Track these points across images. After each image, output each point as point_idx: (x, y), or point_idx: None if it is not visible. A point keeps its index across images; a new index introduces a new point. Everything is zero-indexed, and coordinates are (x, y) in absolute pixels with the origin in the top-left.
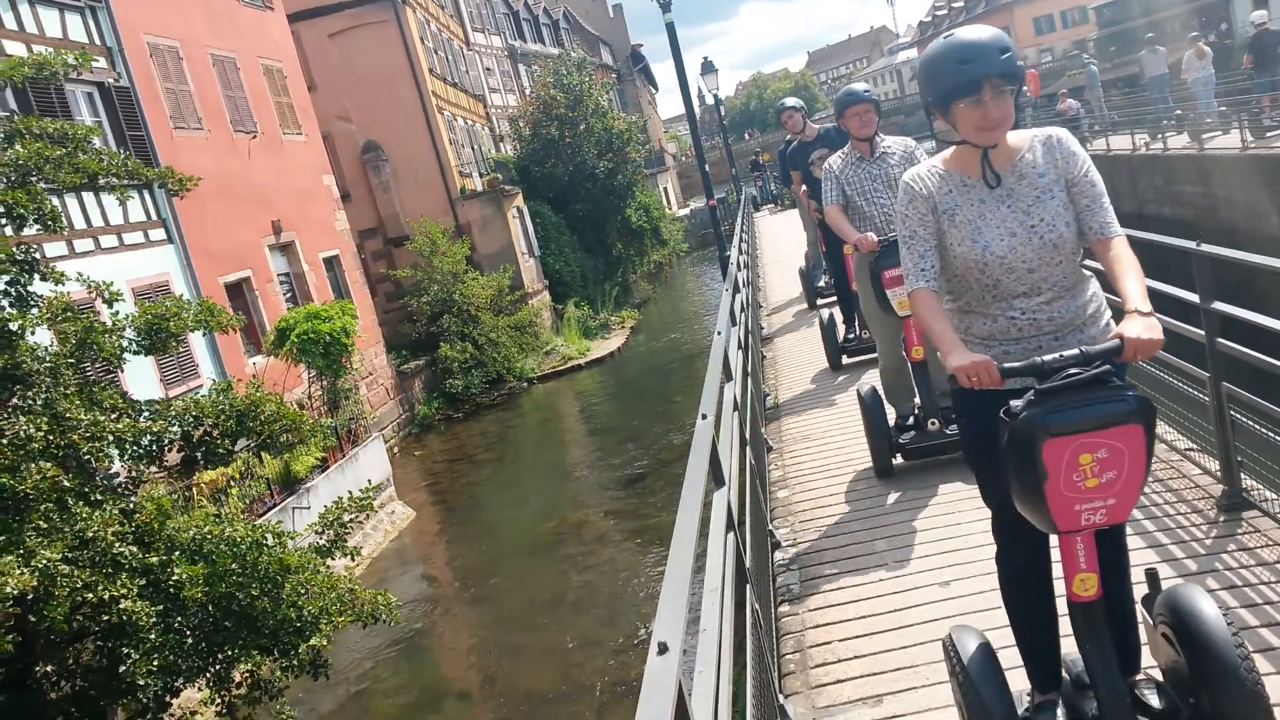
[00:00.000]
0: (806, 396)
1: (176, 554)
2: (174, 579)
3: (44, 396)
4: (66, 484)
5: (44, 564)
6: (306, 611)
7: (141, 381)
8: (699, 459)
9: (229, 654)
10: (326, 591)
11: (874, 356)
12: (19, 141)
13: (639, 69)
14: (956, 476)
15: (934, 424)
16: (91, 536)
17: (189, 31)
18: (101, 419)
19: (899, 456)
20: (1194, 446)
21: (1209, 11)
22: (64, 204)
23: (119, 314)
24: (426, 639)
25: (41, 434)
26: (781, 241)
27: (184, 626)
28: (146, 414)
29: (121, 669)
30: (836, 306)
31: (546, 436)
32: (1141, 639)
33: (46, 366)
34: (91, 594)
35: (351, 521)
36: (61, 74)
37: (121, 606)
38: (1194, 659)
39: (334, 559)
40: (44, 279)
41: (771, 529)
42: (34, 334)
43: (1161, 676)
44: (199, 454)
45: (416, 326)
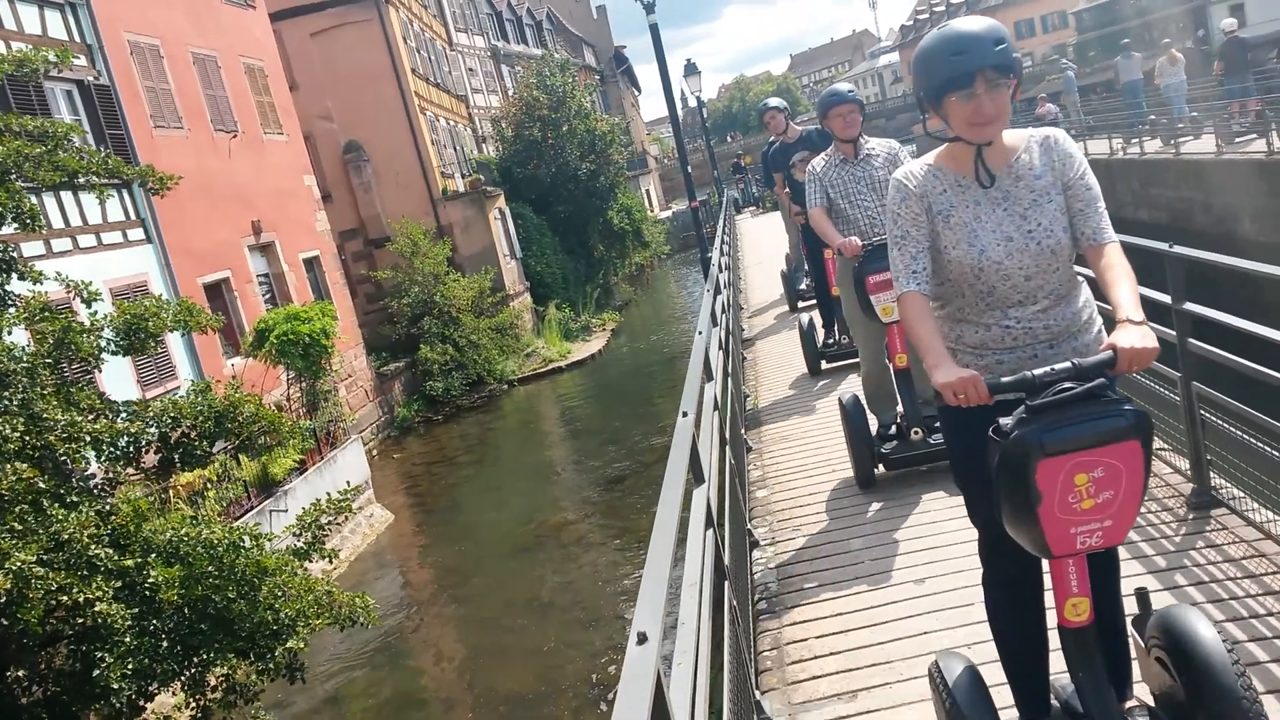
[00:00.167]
0: (786, 398)
1: (153, 556)
2: (150, 581)
3: (20, 397)
4: (42, 485)
5: (18, 566)
6: (283, 614)
7: (119, 382)
8: (679, 455)
9: (204, 657)
10: (304, 594)
11: (853, 362)
12: None
13: (622, 70)
14: (939, 487)
15: (917, 433)
16: (67, 539)
17: (170, 29)
18: (78, 420)
19: (881, 466)
20: (1164, 445)
21: (1185, 19)
22: (42, 203)
23: (97, 314)
24: (404, 641)
25: (18, 435)
26: (763, 244)
27: (159, 630)
28: (124, 415)
29: (95, 673)
30: (816, 310)
31: (527, 439)
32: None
33: (23, 366)
34: (66, 597)
35: (329, 524)
36: (41, 71)
37: (96, 609)
38: (1191, 685)
39: (312, 561)
40: (22, 278)
41: (750, 528)
42: (11, 334)
43: (1154, 702)
44: (176, 456)
45: (397, 328)
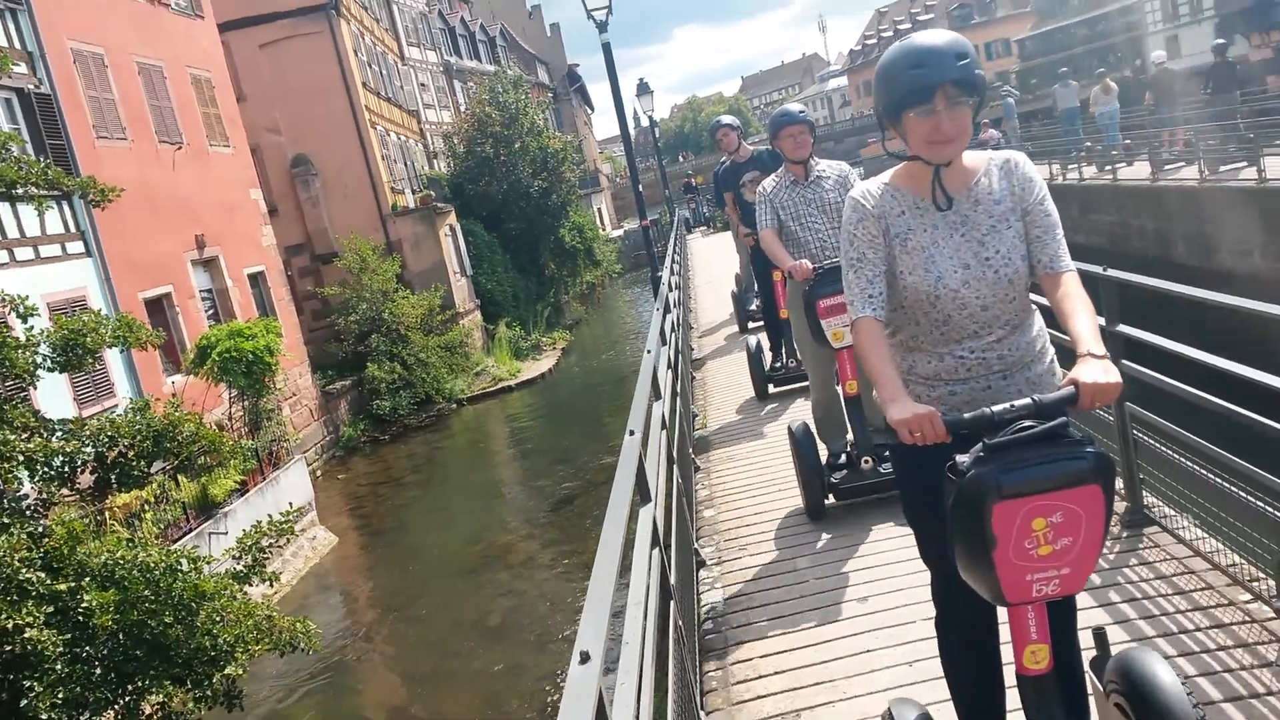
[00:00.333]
0: (735, 418)
1: (87, 580)
2: (83, 606)
3: None
4: None
5: None
6: (222, 640)
7: (55, 400)
8: (625, 474)
9: (139, 685)
10: (243, 619)
11: (802, 386)
12: None
13: (575, 89)
14: (889, 518)
15: (868, 462)
16: None
17: (115, 38)
18: (11, 438)
19: (831, 496)
20: None
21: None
22: None
23: (33, 329)
24: (347, 667)
25: None
26: (714, 263)
27: (92, 656)
28: (59, 434)
29: (23, 703)
30: (764, 333)
31: (475, 458)
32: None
33: None
34: None
35: (270, 546)
36: None
37: (26, 635)
38: None
39: (252, 585)
40: None
41: (697, 547)
42: None
43: None
44: (113, 476)
45: (344, 346)
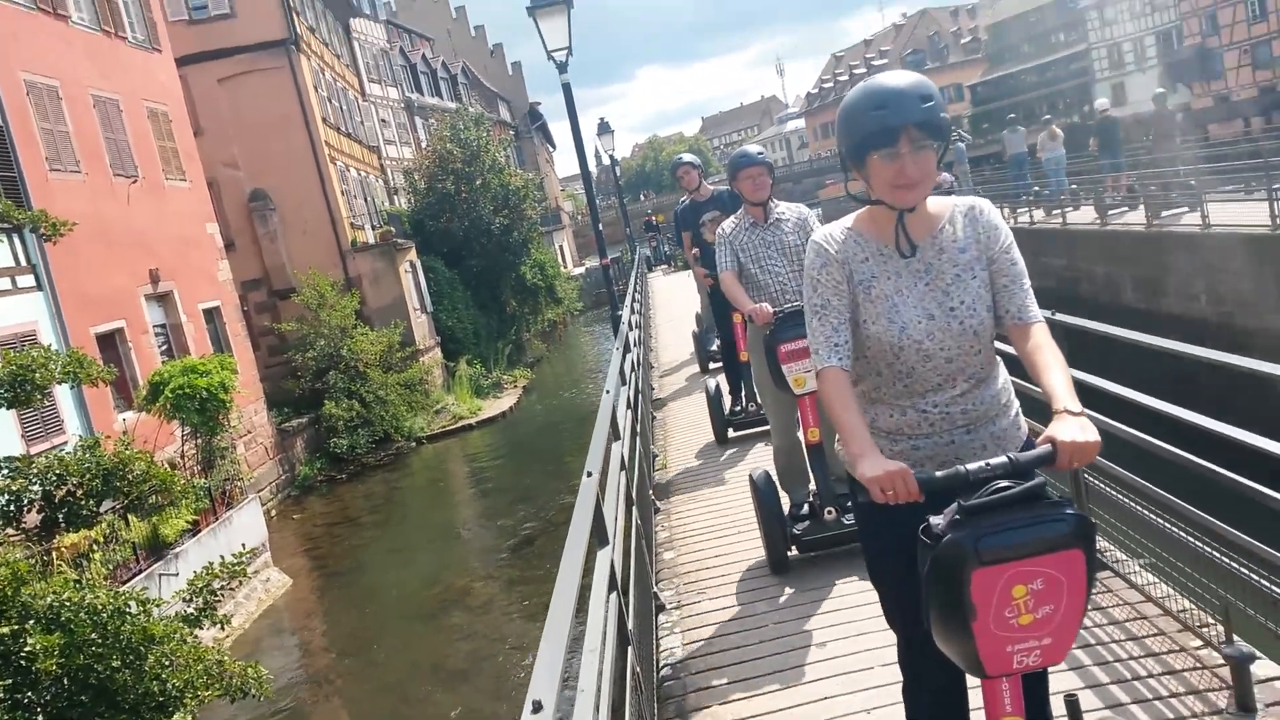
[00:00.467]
0: (696, 459)
1: (31, 623)
2: (27, 650)
3: None
4: None
5: None
6: (171, 685)
7: (1, 436)
8: (582, 516)
9: None
10: (193, 663)
11: (762, 430)
12: None
13: (537, 126)
14: (852, 570)
15: (831, 513)
16: None
17: (70, 70)
18: None
19: (794, 548)
20: None
21: (1073, 95)
22: None
23: None
24: (301, 714)
25: None
26: (674, 302)
27: (34, 702)
28: (5, 471)
29: None
30: (724, 375)
31: (435, 498)
32: None
33: None
34: None
35: (222, 589)
36: None
37: None
38: None
39: (202, 629)
40: None
41: (656, 591)
42: None
43: None
44: (60, 515)
45: (301, 383)
